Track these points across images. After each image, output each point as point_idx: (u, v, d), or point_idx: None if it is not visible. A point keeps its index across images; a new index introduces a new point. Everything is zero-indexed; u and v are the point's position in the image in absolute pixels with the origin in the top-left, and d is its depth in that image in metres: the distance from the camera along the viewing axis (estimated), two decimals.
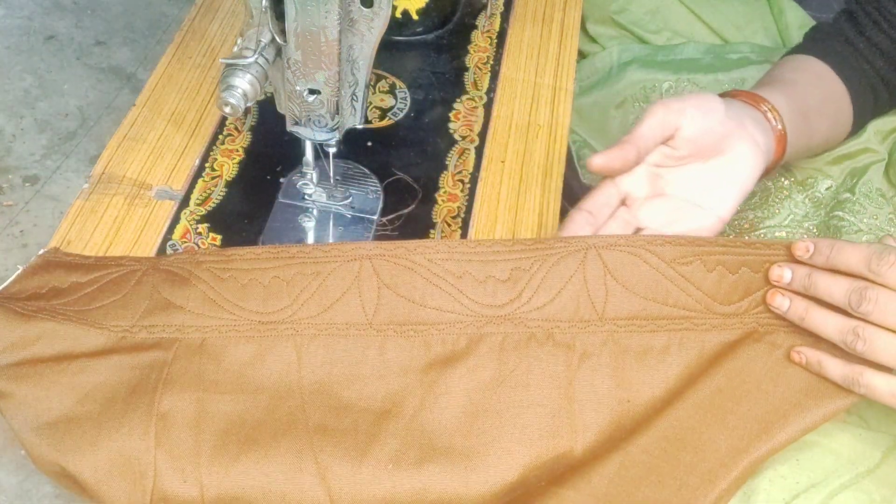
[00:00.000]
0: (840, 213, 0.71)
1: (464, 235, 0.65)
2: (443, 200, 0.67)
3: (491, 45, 0.81)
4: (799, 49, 0.70)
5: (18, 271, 0.58)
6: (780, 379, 0.50)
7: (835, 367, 0.48)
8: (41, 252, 0.59)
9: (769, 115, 0.60)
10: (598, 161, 0.54)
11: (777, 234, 0.74)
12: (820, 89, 0.66)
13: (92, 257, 0.60)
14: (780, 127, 0.60)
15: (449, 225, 0.65)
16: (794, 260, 0.51)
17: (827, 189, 0.74)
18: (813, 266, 0.50)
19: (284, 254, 0.57)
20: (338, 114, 0.58)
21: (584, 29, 0.88)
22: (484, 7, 0.83)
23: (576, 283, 0.53)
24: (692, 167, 0.57)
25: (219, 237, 0.63)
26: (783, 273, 0.51)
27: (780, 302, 0.50)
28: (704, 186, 0.57)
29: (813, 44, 0.69)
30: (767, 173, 0.61)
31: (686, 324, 0.52)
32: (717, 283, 0.52)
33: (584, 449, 0.50)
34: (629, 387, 0.51)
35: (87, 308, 0.55)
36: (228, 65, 0.53)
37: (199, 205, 0.65)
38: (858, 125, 0.70)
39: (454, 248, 0.55)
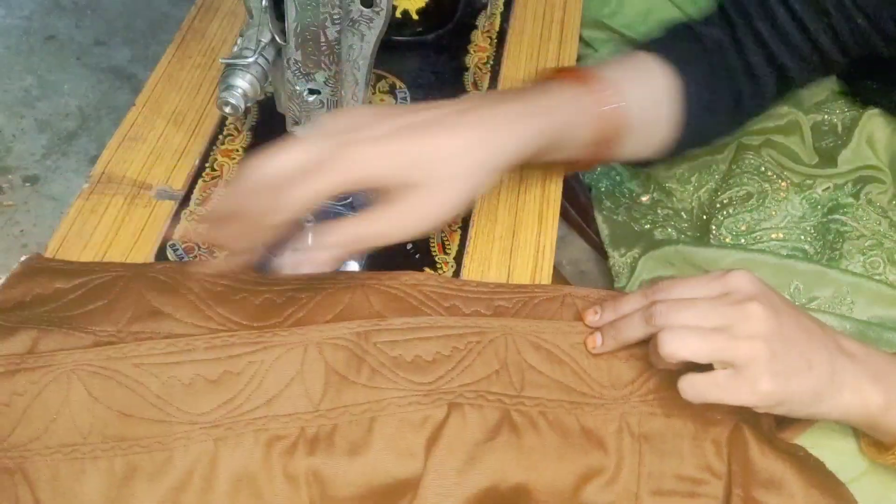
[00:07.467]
0: (842, 218, 0.71)
1: (463, 235, 0.65)
2: None
3: (491, 45, 0.81)
4: (648, 46, 0.65)
5: (1, 280, 0.56)
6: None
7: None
8: (22, 259, 0.58)
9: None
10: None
11: (773, 236, 0.73)
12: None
13: (75, 263, 0.60)
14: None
15: (448, 225, 0.65)
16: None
17: (824, 190, 0.74)
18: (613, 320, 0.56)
19: (282, 281, 0.58)
20: None
21: None
22: (484, 7, 0.83)
23: (494, 366, 0.54)
24: None
25: None
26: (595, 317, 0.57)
27: (592, 319, 0.56)
28: None
29: (663, 41, 0.65)
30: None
31: (583, 402, 0.54)
32: (599, 370, 0.55)
33: None
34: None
35: (71, 314, 0.54)
36: (228, 65, 0.53)
37: (199, 205, 0.65)
38: (713, 127, 0.67)
39: (408, 325, 0.55)
